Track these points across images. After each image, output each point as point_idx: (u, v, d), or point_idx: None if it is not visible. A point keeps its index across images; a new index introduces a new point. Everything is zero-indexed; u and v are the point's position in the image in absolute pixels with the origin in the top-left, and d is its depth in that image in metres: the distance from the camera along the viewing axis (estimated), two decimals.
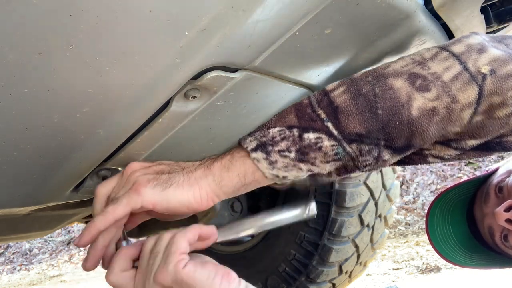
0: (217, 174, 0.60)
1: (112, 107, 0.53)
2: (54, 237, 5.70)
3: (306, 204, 0.67)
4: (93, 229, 0.57)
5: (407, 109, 0.55)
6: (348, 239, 1.53)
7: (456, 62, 0.57)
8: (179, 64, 0.50)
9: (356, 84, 0.59)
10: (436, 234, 0.97)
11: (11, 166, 0.58)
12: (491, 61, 0.56)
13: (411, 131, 0.56)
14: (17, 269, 5.39)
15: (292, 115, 0.60)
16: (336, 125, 0.57)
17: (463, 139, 0.59)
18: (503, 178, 0.88)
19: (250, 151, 0.59)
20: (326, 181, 0.62)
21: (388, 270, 2.95)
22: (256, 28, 0.51)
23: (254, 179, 0.60)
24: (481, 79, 0.55)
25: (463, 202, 0.98)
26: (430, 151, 0.62)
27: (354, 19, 0.61)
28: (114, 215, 0.57)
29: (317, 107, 0.59)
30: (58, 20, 0.36)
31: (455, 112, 0.55)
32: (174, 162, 0.64)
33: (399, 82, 0.57)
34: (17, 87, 0.42)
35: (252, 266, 1.63)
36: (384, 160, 0.59)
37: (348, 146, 0.57)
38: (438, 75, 0.57)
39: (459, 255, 0.97)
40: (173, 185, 0.58)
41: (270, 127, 0.60)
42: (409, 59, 0.60)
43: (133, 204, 0.57)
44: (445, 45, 0.60)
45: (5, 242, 1.80)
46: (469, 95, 0.55)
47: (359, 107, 0.57)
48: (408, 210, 4.33)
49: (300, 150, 0.58)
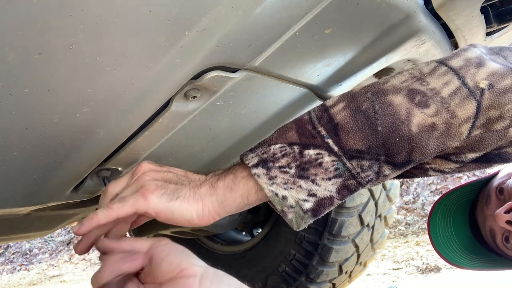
0: (221, 194, 0.60)
1: (112, 107, 0.53)
2: (54, 237, 5.69)
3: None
4: (94, 221, 0.58)
5: (407, 125, 0.56)
6: (348, 239, 1.53)
7: (455, 77, 0.57)
8: (179, 64, 0.50)
9: (355, 100, 0.59)
10: (438, 237, 0.97)
11: (11, 166, 0.58)
12: (489, 75, 0.57)
13: (411, 147, 0.56)
14: (17, 269, 5.39)
15: (293, 132, 0.60)
16: (337, 141, 0.58)
17: (463, 153, 0.60)
18: (503, 180, 0.89)
19: (252, 167, 0.59)
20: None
21: (388, 270, 2.95)
22: (256, 28, 0.51)
23: (257, 198, 0.60)
24: (479, 94, 0.56)
25: (465, 204, 0.98)
26: (431, 165, 0.63)
27: (354, 19, 0.61)
28: (118, 213, 0.58)
29: (318, 124, 0.59)
30: (58, 20, 0.36)
31: (454, 127, 0.56)
32: (182, 172, 0.64)
33: (398, 98, 0.57)
34: (17, 87, 0.42)
35: (252, 266, 1.63)
36: (385, 175, 0.59)
37: (348, 162, 0.57)
38: (437, 90, 0.57)
39: (461, 257, 0.97)
40: (179, 198, 0.59)
41: (271, 143, 0.61)
42: (407, 74, 0.60)
43: (138, 207, 0.58)
44: (444, 60, 0.61)
45: (5, 242, 1.80)
46: (468, 110, 0.56)
47: (359, 124, 0.57)
48: (408, 210, 4.33)
49: (300, 166, 0.58)
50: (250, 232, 1.78)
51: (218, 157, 0.87)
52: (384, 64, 0.80)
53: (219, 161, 0.90)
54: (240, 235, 1.84)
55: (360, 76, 0.80)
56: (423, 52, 0.79)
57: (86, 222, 0.58)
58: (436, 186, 4.46)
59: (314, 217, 0.60)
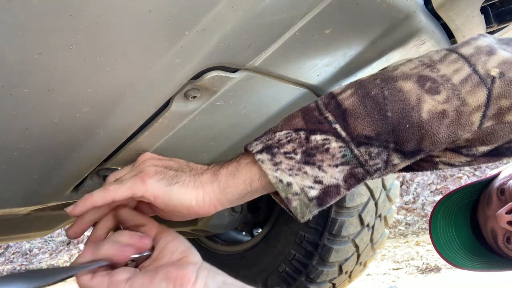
0: (223, 181, 0.59)
1: (112, 107, 0.53)
2: (54, 237, 5.69)
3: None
4: (89, 202, 0.57)
5: (417, 111, 0.55)
6: (348, 239, 1.53)
7: (466, 64, 0.56)
8: (179, 64, 0.50)
9: (364, 87, 0.58)
10: (439, 238, 0.97)
11: (11, 166, 0.58)
12: (501, 64, 0.56)
13: (421, 134, 0.55)
14: (17, 269, 5.39)
15: (299, 119, 0.59)
16: (345, 127, 0.56)
17: (474, 146, 0.59)
18: (505, 181, 0.89)
19: (255, 153, 0.58)
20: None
21: (388, 270, 2.95)
22: (256, 28, 0.51)
23: (261, 185, 0.58)
24: (490, 82, 0.55)
25: (466, 205, 0.98)
26: (441, 158, 0.62)
27: (354, 19, 0.61)
28: (114, 195, 0.57)
29: (325, 110, 0.58)
30: (58, 20, 0.36)
31: (464, 115, 0.55)
32: (184, 162, 0.63)
33: (408, 84, 0.56)
34: (17, 87, 0.42)
35: (252, 266, 1.63)
36: (394, 164, 0.57)
37: (356, 148, 0.56)
38: (447, 77, 0.56)
39: (462, 258, 0.97)
40: (178, 183, 0.58)
41: (277, 130, 0.59)
42: (417, 61, 0.59)
43: (135, 190, 0.57)
44: (454, 47, 0.60)
45: (5, 242, 1.80)
46: (478, 98, 0.55)
47: (368, 110, 0.56)
48: (408, 210, 4.33)
49: (306, 152, 0.56)
50: (250, 232, 1.78)
51: (218, 157, 0.87)
52: (384, 64, 0.80)
53: (219, 161, 0.90)
54: (240, 235, 1.84)
55: (360, 76, 0.80)
56: (423, 52, 0.79)
57: (80, 203, 0.57)
58: (436, 186, 4.46)
59: (319, 206, 0.57)
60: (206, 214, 0.60)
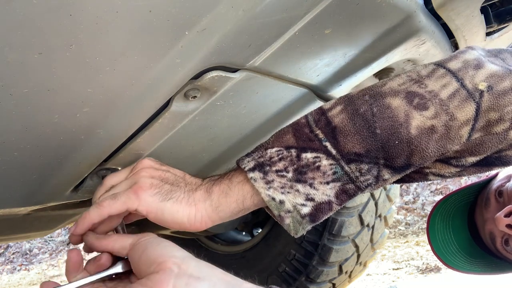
0: (215, 199, 0.60)
1: (112, 107, 0.53)
2: (54, 237, 5.69)
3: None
4: (87, 220, 0.58)
5: (406, 128, 0.55)
6: (348, 239, 1.54)
7: (453, 79, 0.57)
8: (179, 64, 0.50)
9: (353, 103, 0.59)
10: (437, 241, 0.97)
11: (11, 166, 0.58)
12: (488, 77, 0.56)
13: (411, 150, 0.56)
14: (17, 269, 5.39)
15: (290, 135, 0.60)
16: (335, 144, 0.57)
17: (463, 157, 0.59)
18: (502, 183, 0.88)
19: (248, 171, 0.58)
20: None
21: (388, 270, 2.95)
22: (256, 28, 0.51)
23: (253, 203, 0.60)
24: (478, 96, 0.55)
25: (464, 207, 0.98)
26: (431, 169, 0.62)
27: (354, 19, 0.61)
28: (109, 211, 0.58)
29: (315, 127, 0.59)
30: (58, 20, 0.36)
31: (453, 129, 0.55)
32: (181, 174, 0.64)
33: (397, 101, 0.57)
34: (17, 87, 0.42)
35: (252, 266, 1.63)
36: (384, 179, 0.58)
37: (347, 165, 0.57)
38: (435, 93, 0.56)
39: (460, 261, 0.97)
40: (172, 199, 0.59)
41: (268, 147, 0.60)
42: (405, 77, 0.60)
43: (129, 205, 0.58)
44: (442, 62, 0.60)
45: (5, 242, 1.80)
46: (467, 113, 0.55)
47: (357, 127, 0.56)
48: (408, 210, 4.33)
49: (297, 170, 0.57)
50: (250, 232, 1.78)
51: (218, 157, 0.87)
52: (384, 64, 0.80)
53: (219, 161, 0.90)
54: (240, 235, 1.84)
55: (360, 76, 0.80)
56: (423, 52, 0.79)
57: (80, 222, 0.59)
58: (436, 186, 4.46)
59: (312, 222, 0.59)
60: (196, 230, 0.61)
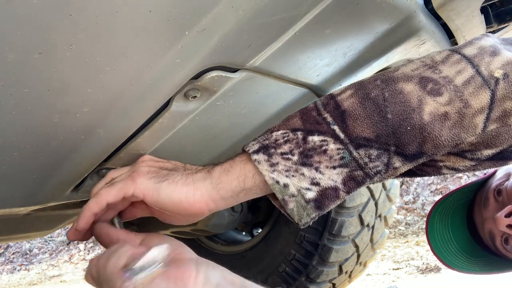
0: (216, 177, 0.58)
1: (112, 107, 0.53)
2: (54, 237, 5.69)
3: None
4: (87, 212, 0.58)
5: (418, 113, 0.53)
6: (348, 239, 1.54)
7: (469, 65, 0.55)
8: (179, 64, 0.50)
9: (364, 88, 0.57)
10: (436, 241, 0.97)
11: (11, 166, 0.58)
12: (504, 65, 0.54)
13: (423, 137, 0.54)
14: (17, 269, 5.39)
15: (297, 119, 0.58)
16: (343, 128, 0.55)
17: (478, 150, 0.57)
18: (501, 181, 0.88)
19: (252, 153, 0.57)
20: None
21: (388, 270, 2.95)
22: (256, 28, 0.51)
23: (254, 183, 0.57)
24: (494, 83, 0.53)
25: (463, 206, 0.97)
26: (444, 162, 0.60)
27: (354, 19, 0.61)
28: (106, 198, 0.57)
29: (323, 110, 0.57)
30: (58, 20, 0.36)
31: (467, 117, 0.54)
32: (181, 164, 0.63)
33: (410, 86, 0.55)
34: (17, 87, 0.43)
35: (252, 266, 1.63)
36: (395, 167, 0.56)
37: (355, 151, 0.55)
38: (450, 79, 0.55)
39: (460, 260, 0.96)
40: (168, 180, 0.58)
41: (274, 130, 0.58)
42: (419, 62, 0.58)
43: (126, 190, 0.57)
44: (457, 48, 0.59)
45: (5, 242, 1.80)
46: (482, 100, 0.53)
47: (368, 111, 0.55)
48: (408, 210, 4.33)
49: (303, 153, 0.55)
50: (250, 232, 1.78)
51: (218, 157, 0.87)
52: (384, 64, 0.80)
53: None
54: (240, 235, 1.84)
55: (360, 76, 0.80)
56: (423, 52, 0.79)
57: (81, 216, 0.59)
58: (436, 186, 4.46)
59: (317, 209, 0.56)
60: (198, 212, 0.58)
